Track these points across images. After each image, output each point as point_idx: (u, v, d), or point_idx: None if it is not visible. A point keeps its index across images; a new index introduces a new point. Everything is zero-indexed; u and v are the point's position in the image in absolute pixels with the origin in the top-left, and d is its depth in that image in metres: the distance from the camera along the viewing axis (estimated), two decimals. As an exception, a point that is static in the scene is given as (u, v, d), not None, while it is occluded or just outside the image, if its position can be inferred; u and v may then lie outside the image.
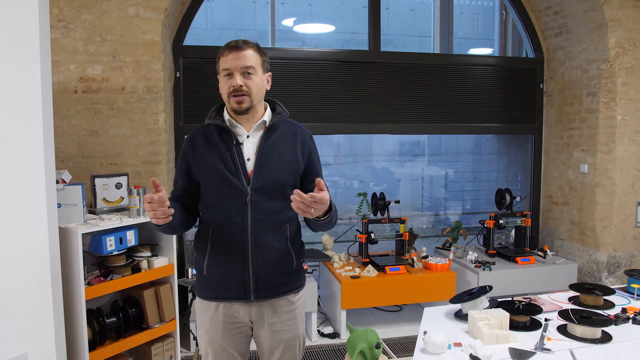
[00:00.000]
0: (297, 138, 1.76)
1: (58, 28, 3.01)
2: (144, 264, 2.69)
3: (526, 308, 1.91)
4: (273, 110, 1.78)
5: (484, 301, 1.94)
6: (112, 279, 2.54)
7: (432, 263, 3.62)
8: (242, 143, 1.71)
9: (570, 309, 1.86)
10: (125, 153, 3.18)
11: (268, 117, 1.75)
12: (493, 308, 1.87)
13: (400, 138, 7.11)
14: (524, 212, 4.02)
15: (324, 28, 6.34)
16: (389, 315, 3.90)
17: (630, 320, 1.88)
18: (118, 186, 2.82)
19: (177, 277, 2.83)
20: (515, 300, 1.98)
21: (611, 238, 3.78)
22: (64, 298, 2.19)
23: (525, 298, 2.08)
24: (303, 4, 6.69)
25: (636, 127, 3.73)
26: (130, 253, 2.67)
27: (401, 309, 4.00)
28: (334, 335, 3.50)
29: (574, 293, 2.16)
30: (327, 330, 3.55)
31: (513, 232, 4.17)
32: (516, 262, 3.76)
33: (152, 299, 2.72)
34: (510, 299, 2.00)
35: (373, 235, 3.65)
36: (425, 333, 1.70)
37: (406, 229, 3.80)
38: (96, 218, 2.58)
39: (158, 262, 2.73)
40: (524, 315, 1.85)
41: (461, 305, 1.96)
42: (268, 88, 1.75)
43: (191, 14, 3.64)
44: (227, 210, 1.68)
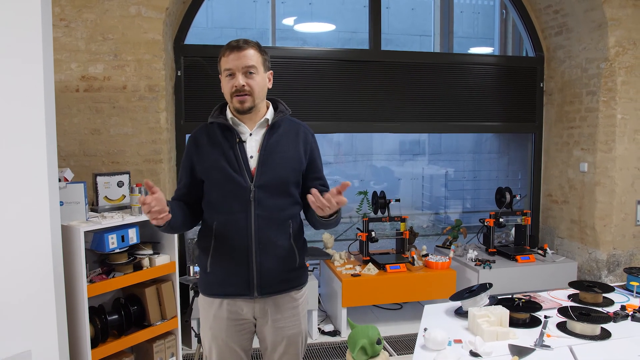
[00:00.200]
0: (300, 136, 1.78)
1: (60, 27, 3.02)
2: (146, 262, 2.70)
3: (526, 305, 1.91)
4: (275, 108, 1.79)
5: (484, 298, 1.95)
6: (114, 277, 2.55)
7: (433, 261, 3.63)
8: (245, 141, 1.72)
9: (569, 306, 1.87)
10: (126, 151, 3.19)
11: (270, 116, 1.76)
12: (493, 305, 1.88)
13: (400, 137, 7.10)
14: (524, 211, 4.02)
15: (325, 27, 6.33)
16: (390, 313, 3.92)
17: (629, 317, 1.89)
18: (120, 184, 2.83)
19: (179, 275, 2.85)
20: (515, 297, 1.99)
21: (611, 236, 3.79)
22: (67, 295, 2.19)
23: (525, 295, 2.09)
24: (303, 3, 6.68)
25: (636, 126, 3.74)
26: (132, 251, 2.69)
27: (401, 307, 4.01)
28: (335, 333, 3.52)
29: (574, 291, 2.16)
30: (328, 328, 3.57)
31: (513, 231, 4.18)
32: (516, 261, 3.77)
33: (154, 297, 2.73)
34: (510, 297, 2.01)
35: (373, 233, 3.66)
36: (425, 330, 1.71)
37: (406, 228, 3.81)
38: (98, 216, 2.59)
39: (160, 260, 2.74)
40: (524, 312, 1.86)
41: (461, 302, 1.97)
42: (270, 86, 1.76)
43: (192, 13, 3.65)
44: (231, 207, 1.69)
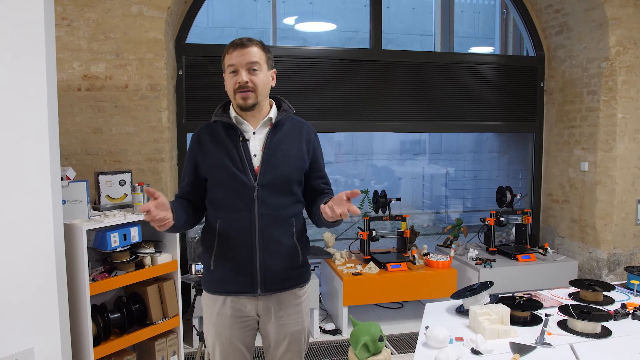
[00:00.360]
0: (303, 135, 1.78)
1: (62, 26, 3.03)
2: (148, 260, 2.71)
3: (527, 303, 1.92)
4: (279, 107, 1.80)
5: (485, 296, 1.96)
6: (116, 275, 2.56)
7: (433, 260, 3.64)
8: (249, 139, 1.73)
9: (570, 305, 1.88)
10: (128, 150, 3.20)
11: (274, 114, 1.76)
12: (494, 303, 1.89)
13: (401, 137, 7.11)
14: (525, 210, 4.03)
15: (325, 27, 6.34)
16: (390, 312, 3.93)
17: (629, 315, 1.90)
18: (122, 183, 2.83)
19: (181, 274, 2.86)
20: (516, 295, 2.00)
21: (611, 236, 3.79)
22: (69, 294, 2.20)
23: (525, 294, 2.09)
24: (304, 3, 6.69)
25: (636, 126, 3.75)
26: (134, 249, 2.69)
27: (402, 306, 4.02)
28: (336, 331, 3.52)
29: (574, 289, 2.16)
30: (329, 326, 3.57)
31: (514, 230, 4.19)
32: (517, 260, 3.77)
33: (156, 295, 2.74)
34: (511, 295, 2.02)
35: (374, 232, 3.67)
36: (427, 328, 1.72)
37: (407, 227, 3.82)
38: (100, 214, 2.60)
39: (161, 259, 2.75)
40: (525, 310, 1.87)
41: (463, 300, 1.98)
42: (273, 85, 1.77)
43: (193, 12, 3.65)
44: (234, 205, 1.70)
